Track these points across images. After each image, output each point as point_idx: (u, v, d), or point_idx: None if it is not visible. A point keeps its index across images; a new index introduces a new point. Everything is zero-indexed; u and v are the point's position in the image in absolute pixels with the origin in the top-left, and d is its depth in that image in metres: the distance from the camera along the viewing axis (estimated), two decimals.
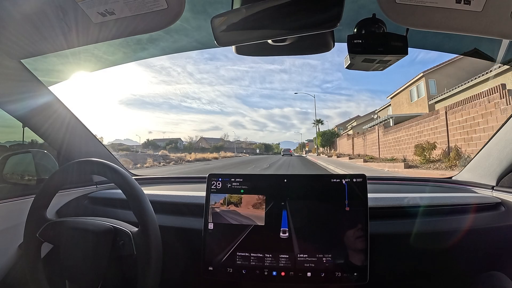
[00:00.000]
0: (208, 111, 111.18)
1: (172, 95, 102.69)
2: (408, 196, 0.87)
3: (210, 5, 0.82)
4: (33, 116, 0.96)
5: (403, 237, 0.76)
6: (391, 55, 0.64)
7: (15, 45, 0.75)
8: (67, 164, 0.74)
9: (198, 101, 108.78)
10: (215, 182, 0.77)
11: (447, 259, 0.78)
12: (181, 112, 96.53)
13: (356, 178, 0.72)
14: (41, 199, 0.74)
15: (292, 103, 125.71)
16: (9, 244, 0.86)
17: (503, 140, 0.90)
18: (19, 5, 0.64)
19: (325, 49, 0.72)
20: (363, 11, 0.75)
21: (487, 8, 0.56)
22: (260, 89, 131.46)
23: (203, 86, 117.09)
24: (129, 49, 1.08)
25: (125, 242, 0.67)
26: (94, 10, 0.62)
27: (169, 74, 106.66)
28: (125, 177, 0.70)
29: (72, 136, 1.08)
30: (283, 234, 0.71)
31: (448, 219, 0.80)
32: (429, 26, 0.63)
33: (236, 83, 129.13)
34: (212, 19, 0.57)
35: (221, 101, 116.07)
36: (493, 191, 0.92)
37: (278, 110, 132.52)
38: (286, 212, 0.72)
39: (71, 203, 1.05)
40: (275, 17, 0.55)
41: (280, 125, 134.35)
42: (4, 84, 0.85)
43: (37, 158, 1.01)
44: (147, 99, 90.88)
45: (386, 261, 0.78)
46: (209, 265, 0.72)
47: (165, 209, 0.90)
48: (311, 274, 0.69)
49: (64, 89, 1.18)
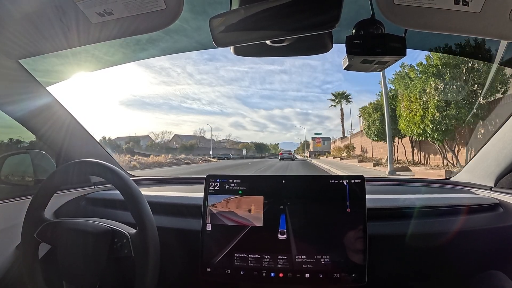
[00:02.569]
0: (208, 112, 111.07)
1: (172, 96, 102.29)
2: (406, 197, 0.87)
3: (209, 6, 0.82)
4: (31, 117, 0.96)
5: (402, 238, 0.76)
6: (390, 56, 0.64)
7: (13, 45, 0.75)
8: (65, 164, 0.74)
9: (198, 102, 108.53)
10: (213, 183, 0.77)
11: (446, 259, 0.78)
12: (181, 113, 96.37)
13: (354, 179, 0.72)
14: (39, 199, 0.74)
15: (292, 103, 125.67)
16: (7, 245, 0.85)
17: (501, 141, 0.90)
18: (17, 5, 0.64)
19: (323, 50, 0.72)
20: (362, 12, 0.75)
21: (485, 9, 0.56)
22: (260, 89, 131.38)
23: (203, 87, 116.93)
24: (128, 49, 1.08)
25: (123, 244, 0.67)
26: (93, 10, 0.62)
27: (169, 74, 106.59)
28: (123, 178, 0.69)
29: (70, 137, 1.08)
30: (281, 235, 0.71)
31: (446, 220, 0.80)
32: (428, 27, 0.63)
33: (236, 83, 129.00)
34: (210, 20, 0.57)
35: (221, 102, 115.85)
36: (491, 192, 0.92)
37: (278, 111, 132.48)
38: (284, 213, 0.72)
39: (69, 204, 1.05)
40: (274, 18, 0.55)
41: (280, 126, 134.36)
42: (2, 85, 0.85)
43: (35, 159, 1.01)
44: (147, 99, 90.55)
45: (384, 262, 0.78)
46: (207, 266, 0.72)
47: (163, 210, 0.90)
48: (309, 275, 0.68)
49: (63, 89, 1.18)
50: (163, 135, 54.51)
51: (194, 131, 76.63)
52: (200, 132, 63.42)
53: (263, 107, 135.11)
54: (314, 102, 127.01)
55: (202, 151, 47.59)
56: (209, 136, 64.24)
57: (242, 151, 58.06)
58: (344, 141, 26.12)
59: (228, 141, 68.62)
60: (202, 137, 59.38)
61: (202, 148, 52.10)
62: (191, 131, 73.99)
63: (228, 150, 59.24)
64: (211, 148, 50.73)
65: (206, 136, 61.65)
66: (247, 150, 60.60)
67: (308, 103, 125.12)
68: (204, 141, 58.25)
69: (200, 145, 53.81)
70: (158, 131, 61.39)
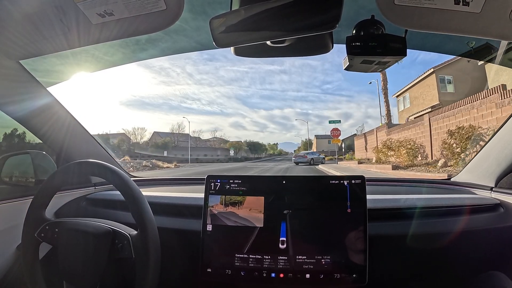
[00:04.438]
0: (208, 112, 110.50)
1: (172, 96, 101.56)
2: (406, 198, 0.87)
3: (210, 6, 0.82)
4: (32, 117, 0.96)
5: (402, 238, 0.76)
6: (390, 57, 0.64)
7: (14, 46, 0.75)
8: (66, 165, 0.74)
9: (198, 102, 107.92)
10: (213, 184, 0.77)
11: (446, 260, 0.78)
12: (181, 113, 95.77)
13: (355, 180, 0.72)
14: (40, 199, 0.74)
15: (292, 104, 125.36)
16: (7, 246, 0.85)
17: (502, 141, 0.90)
18: (18, 6, 0.64)
19: (324, 50, 0.72)
20: (362, 12, 0.75)
21: (485, 9, 0.56)
22: (260, 90, 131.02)
23: (202, 87, 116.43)
24: (128, 50, 1.08)
25: (124, 245, 0.67)
26: (93, 11, 0.63)
27: (169, 74, 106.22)
28: (124, 178, 0.69)
29: (71, 138, 1.08)
30: (281, 236, 0.71)
31: (447, 220, 0.80)
32: (428, 27, 0.63)
33: (236, 84, 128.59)
34: (210, 20, 0.57)
35: (221, 102, 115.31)
36: (492, 192, 0.92)
37: (278, 111, 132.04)
38: (284, 213, 0.72)
39: (70, 205, 1.05)
40: (274, 18, 0.55)
41: (280, 126, 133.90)
42: (2, 85, 0.85)
43: (35, 160, 1.01)
44: (147, 100, 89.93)
45: (385, 263, 0.77)
46: (208, 266, 0.72)
47: (163, 210, 0.90)
48: (310, 276, 0.68)
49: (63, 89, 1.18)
50: (135, 132, 42.23)
51: (171, 127, 61.34)
52: (179, 128, 47.37)
53: (263, 107, 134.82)
54: (314, 102, 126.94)
55: (181, 151, 38.18)
56: (195, 132, 52.09)
57: (230, 151, 42.29)
58: (393, 132, 13.55)
59: (217, 139, 54.64)
60: (182, 134, 45.53)
61: (180, 147, 40.47)
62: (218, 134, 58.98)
63: (213, 150, 47.21)
64: (189, 147, 38.28)
65: (186, 131, 46.80)
66: (236, 150, 44.90)
67: (308, 103, 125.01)
68: (186, 138, 44.27)
69: (179, 143, 42.29)
70: (132, 129, 47.52)
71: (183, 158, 33.63)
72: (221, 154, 45.01)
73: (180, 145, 41.52)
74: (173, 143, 41.24)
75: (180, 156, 34.51)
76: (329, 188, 0.73)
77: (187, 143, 40.88)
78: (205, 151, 45.40)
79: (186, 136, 44.62)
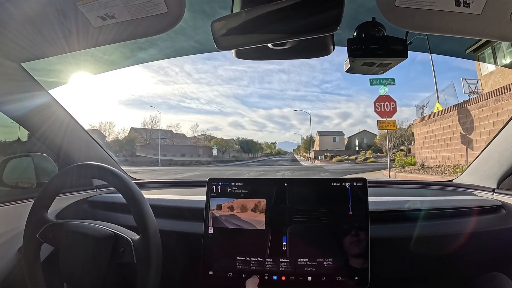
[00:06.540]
0: (207, 112, 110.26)
1: (171, 95, 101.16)
2: (408, 200, 0.86)
3: (208, 5, 0.82)
4: (33, 119, 0.96)
5: (404, 241, 0.76)
6: (391, 59, 0.64)
7: (16, 48, 0.75)
8: (68, 167, 0.74)
9: (196, 101, 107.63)
10: (215, 186, 0.77)
11: (448, 262, 0.78)
12: (180, 112, 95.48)
13: (356, 182, 0.72)
14: (42, 200, 0.74)
15: (291, 103, 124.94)
16: (8, 248, 0.85)
17: (504, 142, 0.90)
18: (20, 8, 0.64)
19: (325, 52, 0.73)
20: (363, 14, 0.75)
21: (486, 11, 0.56)
22: (259, 89, 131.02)
23: (201, 86, 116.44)
24: (130, 53, 1.09)
25: (126, 250, 0.66)
26: (94, 13, 0.63)
27: (167, 74, 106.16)
28: (125, 181, 0.69)
29: (72, 140, 1.08)
30: (283, 239, 0.70)
31: (449, 222, 0.80)
32: (429, 29, 0.63)
33: (235, 83, 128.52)
34: (212, 23, 0.57)
35: (220, 101, 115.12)
36: (494, 194, 0.91)
37: (277, 110, 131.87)
38: (286, 216, 0.71)
39: (71, 207, 1.05)
40: (275, 21, 0.55)
41: (279, 126, 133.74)
42: (4, 87, 0.85)
43: (36, 162, 1.01)
44: (146, 99, 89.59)
45: (387, 265, 0.77)
46: (209, 269, 0.72)
47: (165, 213, 0.90)
48: (311, 279, 0.68)
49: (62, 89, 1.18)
50: (101, 128, 33.85)
51: (143, 121, 49.74)
52: (152, 122, 38.91)
53: (262, 107, 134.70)
54: (313, 102, 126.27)
55: (152, 151, 31.96)
56: (168, 126, 42.34)
57: (212, 151, 33.24)
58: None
59: (200, 136, 44.73)
60: (156, 130, 37.26)
61: (150, 146, 33.78)
62: (219, 134, 52.61)
63: (192, 149, 38.15)
64: (159, 146, 31.30)
65: (157, 126, 37.96)
66: (222, 150, 37.22)
67: (307, 102, 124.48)
68: (164, 134, 37.66)
69: (151, 141, 35.16)
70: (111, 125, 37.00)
71: (154, 159, 28.79)
72: (204, 154, 36.64)
73: (152, 143, 35.13)
74: (145, 140, 34.99)
75: (152, 157, 29.73)
76: (331, 191, 0.72)
77: (165, 140, 35.28)
78: (183, 150, 36.70)
79: (166, 133, 38.39)
